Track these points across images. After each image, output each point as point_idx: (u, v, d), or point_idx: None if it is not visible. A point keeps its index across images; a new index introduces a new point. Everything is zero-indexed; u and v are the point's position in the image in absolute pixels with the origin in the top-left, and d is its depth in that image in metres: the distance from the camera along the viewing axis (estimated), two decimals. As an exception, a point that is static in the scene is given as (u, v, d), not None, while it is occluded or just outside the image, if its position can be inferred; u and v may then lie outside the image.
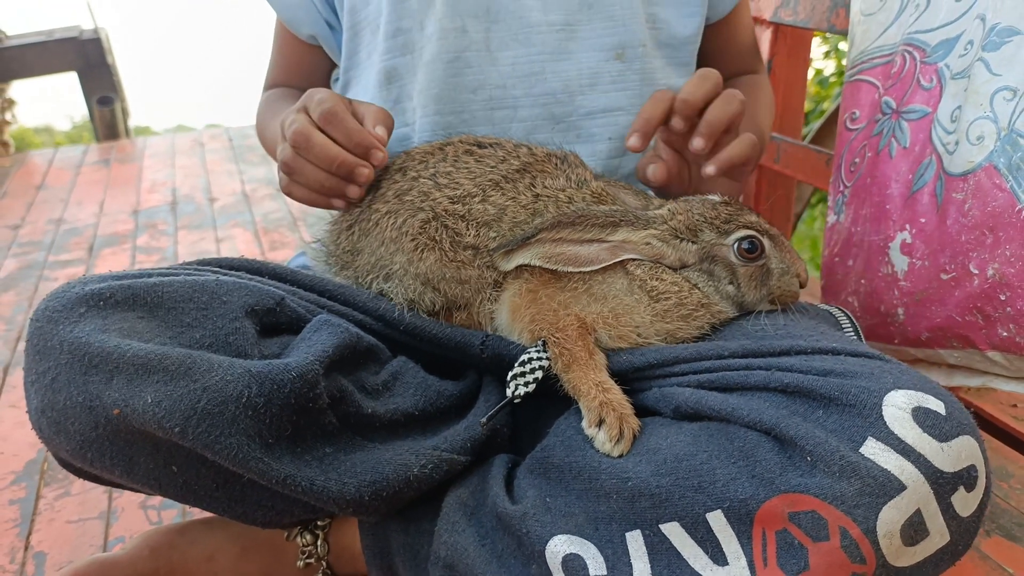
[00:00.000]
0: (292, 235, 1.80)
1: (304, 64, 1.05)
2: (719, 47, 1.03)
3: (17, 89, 3.11)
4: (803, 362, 0.65)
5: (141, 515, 0.96)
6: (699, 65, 0.99)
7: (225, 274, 0.74)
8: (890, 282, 0.90)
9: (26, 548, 0.92)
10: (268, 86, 1.09)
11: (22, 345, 1.39)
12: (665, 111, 0.77)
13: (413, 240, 0.74)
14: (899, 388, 0.60)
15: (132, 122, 3.09)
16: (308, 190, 0.78)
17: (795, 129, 1.29)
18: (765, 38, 1.29)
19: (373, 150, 0.74)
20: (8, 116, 3.07)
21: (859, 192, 0.97)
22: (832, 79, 3.00)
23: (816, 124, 2.16)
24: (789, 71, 1.28)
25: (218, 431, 0.62)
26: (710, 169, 0.76)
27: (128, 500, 0.98)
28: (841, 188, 1.01)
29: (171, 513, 0.96)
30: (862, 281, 0.95)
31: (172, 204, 2.09)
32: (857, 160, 0.98)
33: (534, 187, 0.75)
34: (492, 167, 0.76)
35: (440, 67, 0.91)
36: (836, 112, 1.90)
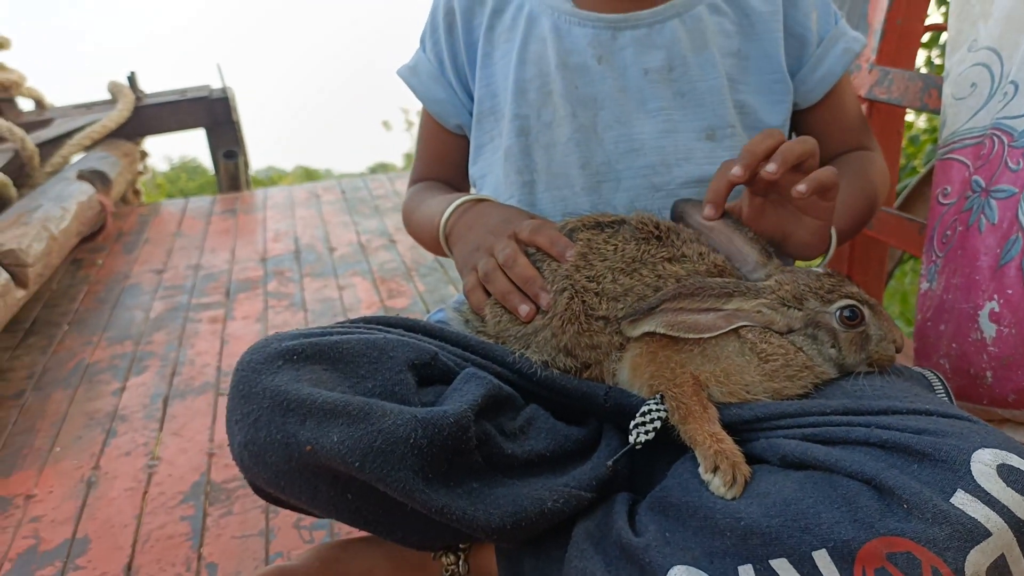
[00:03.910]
0: (407, 284, 1.95)
1: (451, 153, 1.19)
2: (822, 128, 1.11)
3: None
4: (899, 421, 0.74)
5: (295, 534, 1.09)
6: None
7: (388, 332, 0.87)
8: (979, 347, 0.97)
9: (199, 559, 1.07)
10: (415, 180, 1.23)
11: (177, 379, 1.57)
12: (770, 149, 0.85)
13: (560, 318, 0.86)
14: (986, 447, 0.68)
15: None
16: (492, 295, 0.92)
17: (889, 199, 1.37)
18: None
19: (541, 295, 0.88)
20: (141, 167, 3.36)
21: (950, 262, 1.04)
22: (923, 136, 3.03)
23: (909, 181, 2.21)
24: (883, 145, 1.35)
25: (389, 467, 0.75)
26: (801, 187, 0.84)
27: (283, 520, 1.12)
28: (934, 258, 1.09)
29: (320, 533, 1.09)
30: (953, 345, 1.02)
31: (295, 252, 2.28)
32: (948, 232, 1.06)
33: (656, 268, 0.86)
34: (619, 249, 0.88)
35: (554, 148, 1.04)
36: (924, 179, 1.96)
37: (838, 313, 0.85)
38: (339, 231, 2.45)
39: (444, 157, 1.21)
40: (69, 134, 2.79)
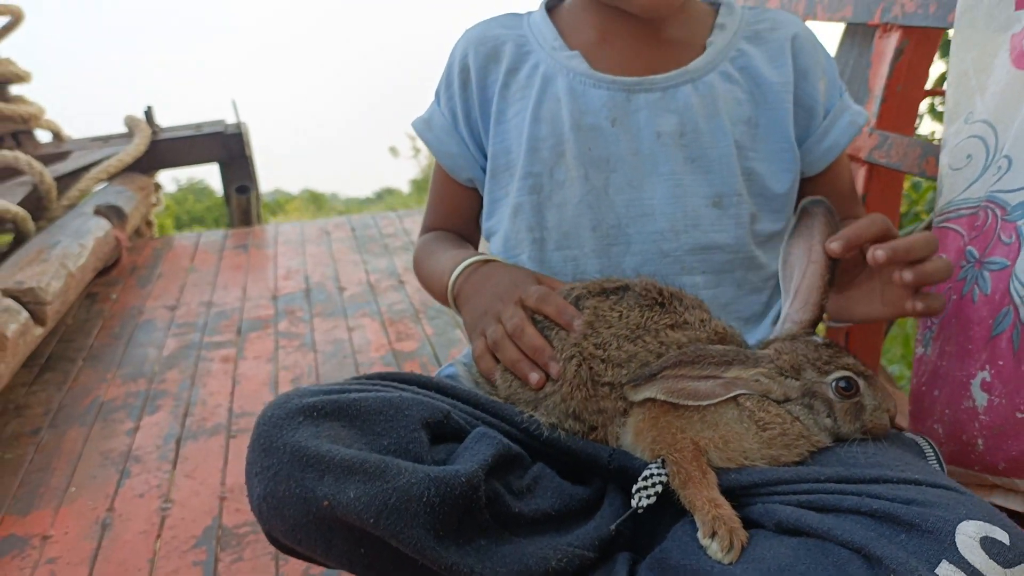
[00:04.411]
0: (415, 327, 1.99)
1: (461, 206, 1.23)
2: (820, 195, 1.16)
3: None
4: (889, 490, 0.77)
5: (303, 582, 1.12)
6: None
7: (404, 389, 0.91)
8: (971, 415, 1.01)
9: (211, 605, 1.10)
10: (426, 229, 1.27)
11: (190, 420, 1.60)
12: (876, 236, 0.89)
13: (569, 384, 0.90)
14: (970, 519, 0.71)
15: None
16: (501, 363, 0.95)
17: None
18: (861, 175, 1.42)
19: (550, 364, 0.91)
20: (154, 199, 3.41)
21: (945, 330, 1.08)
22: (925, 183, 3.08)
23: (913, 227, 2.25)
24: (882, 207, 1.40)
25: (403, 523, 0.78)
26: (908, 275, 0.87)
27: (293, 568, 1.15)
28: (929, 324, 1.13)
29: (328, 581, 1.12)
30: (946, 411, 1.05)
31: (306, 291, 2.32)
32: (947, 299, 1.10)
33: (659, 336, 0.90)
34: (624, 316, 0.92)
35: (565, 208, 1.07)
36: (926, 230, 2.00)
37: (834, 384, 0.88)
38: (349, 270, 2.49)
39: (455, 209, 1.25)
40: (86, 167, 2.85)
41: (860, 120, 1.12)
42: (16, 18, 3.11)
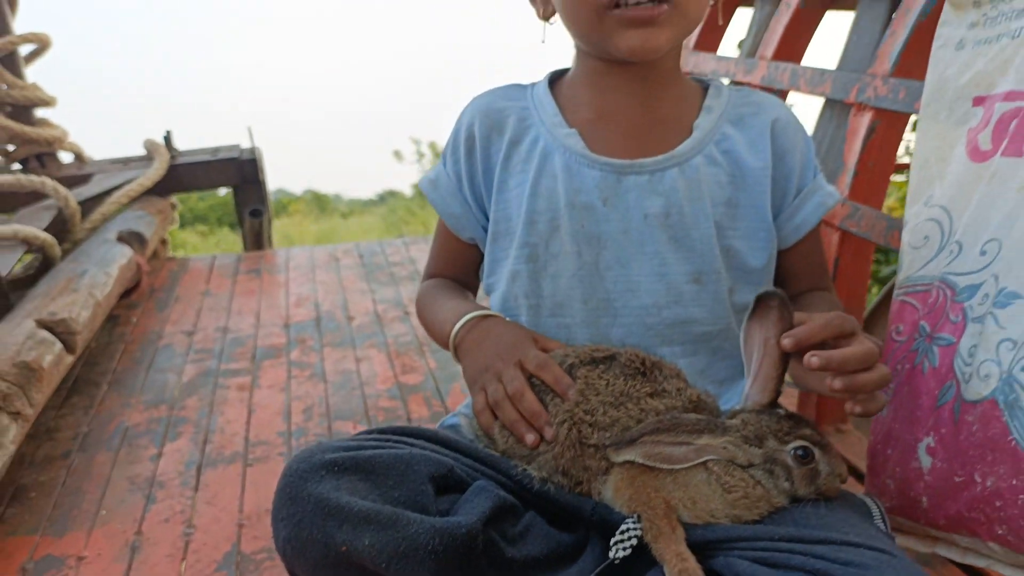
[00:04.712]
0: (420, 360, 2.11)
1: (462, 259, 1.34)
2: (791, 268, 1.25)
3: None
4: (832, 551, 0.89)
5: (317, 609, 1.24)
6: (776, 281, 1.25)
7: (413, 444, 1.03)
8: (917, 475, 1.13)
9: (232, 627, 1.21)
10: (429, 275, 1.38)
11: (209, 447, 1.72)
12: (829, 337, 0.97)
13: (561, 445, 1.02)
14: (895, 580, 0.83)
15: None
16: (499, 420, 1.06)
17: (858, 317, 1.53)
18: (835, 240, 1.54)
19: (545, 428, 1.02)
20: (171, 217, 3.54)
21: (898, 395, 1.20)
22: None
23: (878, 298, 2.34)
24: (853, 271, 1.53)
25: (411, 568, 0.90)
26: (837, 383, 0.96)
27: (307, 596, 1.26)
28: (887, 389, 1.25)
29: (339, 610, 1.23)
30: (897, 469, 1.17)
31: (316, 320, 2.45)
32: (899, 367, 1.22)
33: (640, 403, 1.02)
34: (610, 384, 1.04)
35: (559, 279, 1.18)
36: (884, 298, 2.13)
37: (792, 452, 1.00)
38: (357, 299, 2.61)
39: (456, 261, 1.35)
40: (108, 191, 2.98)
41: (830, 201, 1.23)
42: (43, 45, 3.24)
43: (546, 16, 1.23)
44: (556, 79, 1.28)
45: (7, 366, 1.56)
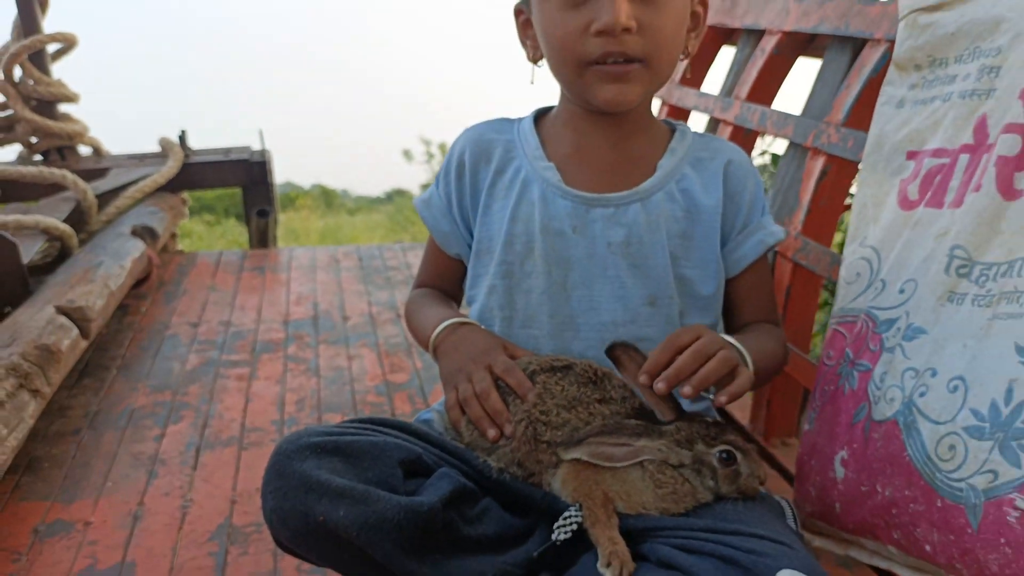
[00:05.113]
0: (407, 360, 2.26)
1: (448, 272, 1.48)
2: (738, 297, 1.35)
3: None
4: (741, 541, 1.03)
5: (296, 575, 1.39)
6: (725, 310, 1.40)
7: (388, 434, 1.18)
8: (833, 484, 1.28)
9: (221, 590, 1.36)
10: (418, 284, 1.53)
11: (208, 431, 1.87)
12: (668, 361, 1.13)
13: (518, 441, 1.16)
14: (789, 568, 0.98)
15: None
16: (467, 415, 1.20)
17: (805, 346, 1.68)
18: (788, 271, 1.69)
19: (505, 424, 1.16)
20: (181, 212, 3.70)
21: (823, 413, 1.35)
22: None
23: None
24: (803, 299, 1.67)
25: (378, 539, 1.04)
26: (686, 389, 1.11)
27: (288, 563, 1.40)
28: (815, 405, 1.39)
29: (316, 577, 1.38)
30: (817, 477, 1.32)
31: (314, 318, 2.60)
32: (826, 388, 1.37)
33: (589, 408, 1.17)
34: (565, 390, 1.19)
35: (530, 295, 1.32)
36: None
37: (718, 455, 1.15)
38: (354, 300, 2.77)
39: (443, 274, 1.50)
40: (123, 186, 3.14)
41: (769, 240, 1.36)
42: (69, 44, 3.41)
43: (535, 60, 1.37)
44: (541, 115, 1.43)
45: (30, 348, 1.71)
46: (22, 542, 1.47)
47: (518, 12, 1.34)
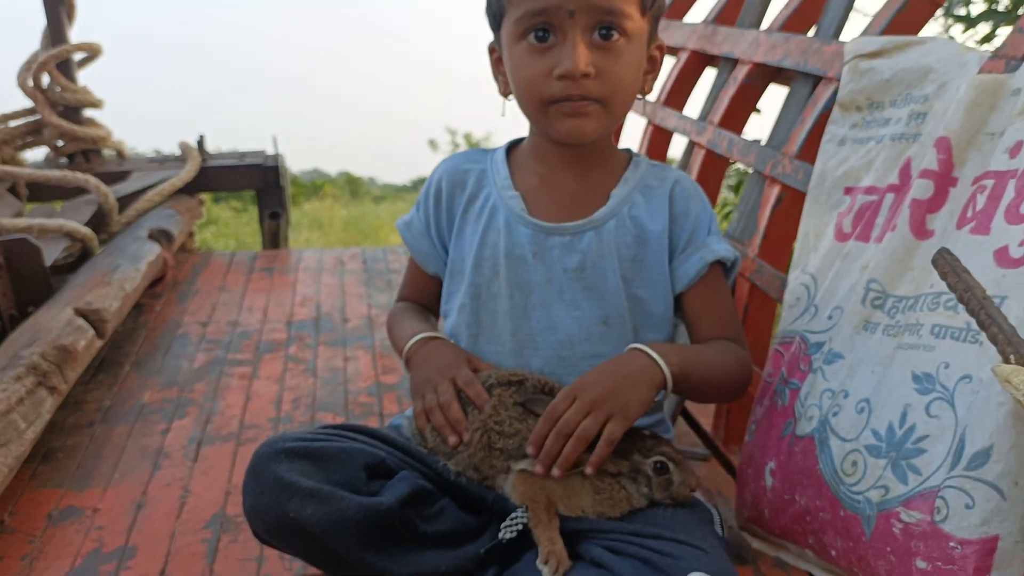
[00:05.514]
0: (399, 362, 2.39)
1: (426, 289, 1.60)
2: (693, 313, 1.44)
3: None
4: (661, 545, 1.16)
5: (280, 563, 1.52)
6: (687, 327, 1.50)
7: (355, 439, 1.32)
8: (763, 491, 1.40)
9: (211, 572, 1.51)
10: (400, 298, 1.65)
11: (209, 427, 2.03)
12: (548, 431, 1.24)
13: (475, 447, 1.27)
14: (699, 571, 1.11)
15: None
16: (430, 422, 1.33)
17: (761, 362, 1.80)
18: (745, 291, 1.81)
19: (464, 432, 1.28)
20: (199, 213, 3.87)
21: (760, 426, 1.47)
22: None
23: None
24: (759, 317, 1.79)
25: (341, 534, 1.17)
26: (588, 471, 1.23)
27: (270, 552, 1.56)
28: (755, 419, 1.52)
29: (296, 564, 1.52)
30: (752, 485, 1.44)
31: (316, 320, 2.75)
32: (764, 403, 1.49)
33: (539, 419, 1.30)
34: (517, 403, 1.32)
35: (495, 315, 1.44)
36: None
37: (653, 464, 1.28)
38: (354, 303, 2.91)
39: (421, 289, 1.63)
40: (143, 189, 3.31)
41: (709, 257, 1.40)
42: (94, 53, 3.59)
43: (505, 94, 1.49)
44: (513, 147, 1.55)
45: (49, 348, 1.88)
46: (37, 525, 1.63)
47: (491, 50, 1.46)
